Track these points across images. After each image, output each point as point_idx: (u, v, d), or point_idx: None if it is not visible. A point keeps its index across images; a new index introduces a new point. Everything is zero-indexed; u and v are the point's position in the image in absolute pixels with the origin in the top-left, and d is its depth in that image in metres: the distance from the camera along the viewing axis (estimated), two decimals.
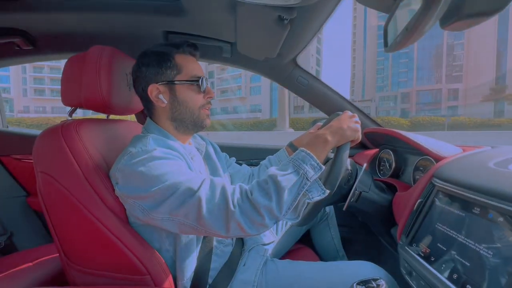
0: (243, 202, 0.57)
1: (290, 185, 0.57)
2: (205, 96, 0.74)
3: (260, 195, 0.57)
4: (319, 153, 0.63)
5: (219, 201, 0.57)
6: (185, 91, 0.70)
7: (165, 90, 0.70)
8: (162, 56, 0.69)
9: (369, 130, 1.14)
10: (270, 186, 0.57)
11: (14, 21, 1.00)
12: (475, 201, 0.51)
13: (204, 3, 0.82)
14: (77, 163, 0.63)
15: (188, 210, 0.57)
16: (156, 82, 0.69)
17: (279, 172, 0.59)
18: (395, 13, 0.51)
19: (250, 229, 0.57)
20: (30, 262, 0.94)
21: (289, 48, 1.02)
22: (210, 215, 0.56)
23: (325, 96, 1.25)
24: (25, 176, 1.42)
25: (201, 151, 0.84)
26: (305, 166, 0.60)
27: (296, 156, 0.62)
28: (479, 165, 0.62)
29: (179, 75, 0.70)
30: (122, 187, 0.61)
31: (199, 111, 0.73)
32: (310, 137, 0.67)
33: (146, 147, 0.62)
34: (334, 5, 0.71)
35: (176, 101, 0.70)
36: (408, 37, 0.45)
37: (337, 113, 0.77)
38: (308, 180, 0.59)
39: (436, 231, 0.57)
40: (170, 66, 0.69)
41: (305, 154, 0.62)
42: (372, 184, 0.85)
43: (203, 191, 0.57)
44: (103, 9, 0.93)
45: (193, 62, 0.73)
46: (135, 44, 1.08)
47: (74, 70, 0.75)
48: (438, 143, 0.83)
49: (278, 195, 0.56)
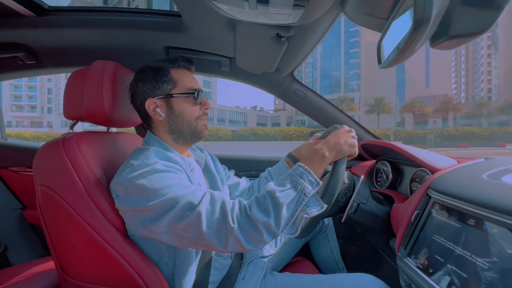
0: (242, 218, 0.57)
1: (288, 201, 0.58)
2: (202, 107, 0.75)
3: (258, 211, 0.57)
4: (316, 168, 0.64)
5: (219, 216, 0.57)
6: (181, 104, 0.72)
7: (162, 103, 0.72)
8: (158, 71, 0.72)
9: (365, 142, 1.16)
10: (268, 202, 0.58)
11: (19, 36, 1.02)
12: (470, 213, 0.52)
13: (204, 20, 0.85)
14: (77, 176, 0.63)
15: (188, 224, 0.57)
16: (153, 96, 0.71)
17: (277, 188, 0.60)
18: (387, 31, 0.54)
19: (249, 244, 0.58)
20: (25, 276, 0.93)
21: (286, 63, 1.05)
22: (209, 230, 0.57)
23: (322, 108, 1.27)
24: (22, 189, 1.41)
25: (201, 163, 0.85)
26: (302, 182, 0.61)
27: (293, 172, 0.63)
28: (473, 177, 0.63)
29: (175, 88, 0.72)
30: (123, 200, 0.61)
31: (196, 122, 0.74)
32: (308, 152, 0.69)
33: (147, 159, 0.63)
34: (329, 23, 0.74)
35: (173, 113, 0.72)
36: (400, 56, 0.47)
37: (335, 126, 0.78)
38: (306, 195, 0.61)
39: (434, 243, 0.58)
40: (166, 81, 0.71)
41: (303, 170, 0.63)
42: (369, 195, 0.86)
43: (203, 205, 0.58)
44: (107, 25, 0.96)
45: (188, 75, 0.75)
46: (136, 58, 1.10)
47: (77, 84, 0.76)
48: (433, 155, 0.85)
49: (276, 211, 0.57)
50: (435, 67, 55.58)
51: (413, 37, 0.40)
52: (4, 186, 1.40)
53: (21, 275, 0.94)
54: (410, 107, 43.90)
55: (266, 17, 0.61)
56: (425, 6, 0.37)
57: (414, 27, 0.39)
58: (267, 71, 1.10)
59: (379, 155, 1.17)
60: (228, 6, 0.59)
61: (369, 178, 1.14)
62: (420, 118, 47.91)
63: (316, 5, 0.54)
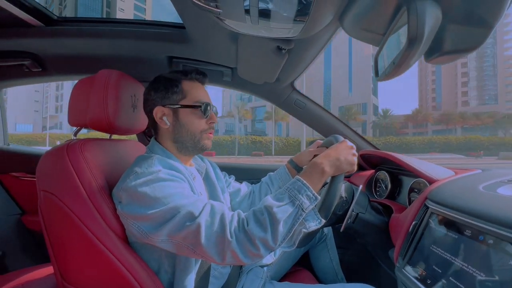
0: (239, 232, 0.58)
1: (286, 217, 0.58)
2: (208, 121, 0.76)
3: (255, 226, 0.58)
4: (315, 183, 0.64)
5: (218, 229, 0.58)
6: (187, 115, 0.74)
7: (169, 113, 0.73)
8: (170, 82, 0.74)
9: (364, 152, 1.17)
10: (266, 217, 0.58)
11: (26, 45, 1.05)
12: (466, 224, 0.53)
13: (208, 32, 0.88)
14: (80, 183, 0.64)
15: (187, 234, 0.58)
16: (162, 105, 0.73)
17: (275, 202, 0.60)
18: (384, 46, 0.56)
19: (245, 258, 0.58)
20: (21, 283, 0.92)
21: (287, 74, 1.08)
22: (208, 242, 0.57)
23: (322, 118, 1.29)
24: (22, 194, 1.42)
25: (201, 173, 0.86)
26: (301, 197, 0.61)
27: (292, 186, 0.63)
28: (469, 188, 0.64)
29: (184, 100, 0.74)
30: (125, 207, 0.62)
31: (200, 135, 0.75)
32: (308, 164, 0.69)
33: (151, 167, 0.64)
34: (328, 37, 0.77)
35: (178, 123, 0.74)
36: (396, 70, 0.49)
37: (336, 136, 0.79)
38: (304, 211, 0.61)
39: (432, 253, 0.58)
40: (176, 91, 0.73)
41: (301, 184, 0.63)
42: (368, 205, 0.87)
43: (203, 217, 0.59)
44: (113, 36, 0.99)
45: (199, 88, 0.77)
46: (141, 67, 1.13)
47: (82, 92, 0.78)
48: (431, 166, 0.86)
49: (273, 226, 0.57)
50: (358, 74, 56.53)
51: (408, 53, 0.42)
52: (4, 192, 1.41)
53: (18, 281, 0.93)
54: (342, 115, 43.27)
55: (267, 31, 0.63)
56: (418, 25, 0.39)
57: (408, 45, 0.41)
58: (268, 81, 1.12)
59: (378, 165, 1.18)
60: (231, 20, 0.61)
61: (368, 188, 1.14)
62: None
63: (315, 21, 0.57)
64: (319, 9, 0.52)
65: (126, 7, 55.02)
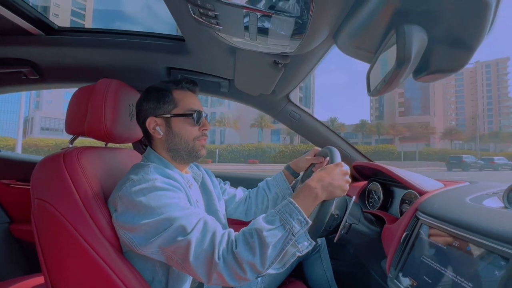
0: (227, 255, 0.58)
1: (275, 241, 0.58)
2: (201, 128, 0.78)
3: (244, 249, 0.57)
4: (307, 206, 0.64)
5: (207, 248, 0.58)
6: (180, 124, 0.75)
7: (162, 122, 0.75)
8: (161, 92, 0.75)
9: (357, 164, 1.20)
10: (255, 240, 0.58)
11: (25, 53, 1.06)
12: (454, 235, 0.55)
13: (206, 45, 0.91)
14: (76, 191, 0.64)
15: (177, 249, 0.58)
16: (155, 115, 0.74)
17: (265, 225, 0.59)
18: (375, 64, 0.59)
19: (231, 280, 0.58)
20: None
21: (282, 87, 1.11)
22: (196, 261, 0.57)
23: (316, 129, 1.32)
24: (11, 202, 1.39)
25: (198, 180, 0.87)
26: (291, 221, 0.60)
27: (284, 209, 0.62)
28: (457, 200, 0.66)
29: (175, 109, 0.75)
30: (119, 215, 0.62)
31: (193, 143, 0.76)
32: (301, 186, 0.68)
33: (147, 175, 0.64)
34: (323, 53, 0.80)
35: (171, 133, 0.75)
36: (386, 87, 0.52)
37: (330, 148, 0.82)
38: (294, 235, 0.60)
39: (422, 264, 0.60)
40: (168, 101, 0.75)
41: (293, 208, 0.62)
42: (361, 216, 0.88)
43: (195, 233, 0.59)
44: (113, 46, 1.00)
45: (190, 97, 0.78)
46: (139, 77, 1.15)
47: (81, 100, 0.79)
48: (421, 178, 0.89)
49: (262, 250, 0.57)
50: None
51: (397, 72, 0.45)
52: None
53: None
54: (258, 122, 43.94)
55: (265, 46, 0.66)
56: (405, 47, 0.42)
57: (397, 65, 0.44)
58: (264, 93, 1.15)
59: (371, 176, 1.20)
60: (230, 36, 0.64)
61: (361, 199, 1.16)
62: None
63: (311, 38, 0.60)
64: (315, 27, 0.55)
65: (61, 12, 51.56)
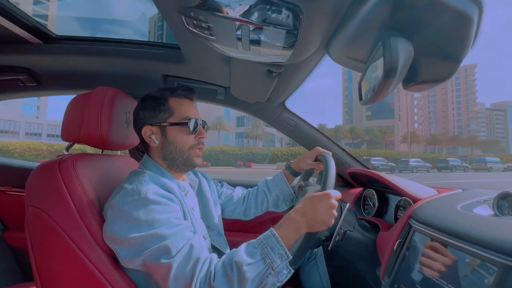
0: (204, 286, 0.57)
1: (254, 275, 0.57)
2: (197, 136, 0.78)
3: (222, 282, 0.57)
4: (289, 239, 0.62)
5: (187, 274, 0.57)
6: (175, 132, 0.75)
7: (157, 131, 0.75)
8: (157, 100, 0.75)
9: (352, 171, 1.21)
10: (234, 274, 0.57)
11: (24, 61, 1.07)
12: (446, 243, 0.55)
13: (202, 54, 0.92)
14: (71, 199, 0.64)
15: (159, 268, 0.59)
16: (150, 124, 0.74)
17: (246, 259, 0.58)
18: (366, 73, 0.60)
19: None
20: None
21: (278, 94, 1.12)
22: (175, 284, 0.57)
23: (312, 136, 1.33)
24: (5, 209, 1.38)
25: (194, 187, 0.87)
26: (272, 255, 0.59)
27: (266, 241, 0.61)
28: (448, 207, 0.67)
29: (171, 117, 0.75)
30: (107, 225, 0.63)
31: (189, 152, 0.76)
32: (284, 218, 0.66)
33: (141, 185, 0.64)
34: (316, 62, 0.82)
35: (166, 141, 0.75)
36: (376, 97, 0.53)
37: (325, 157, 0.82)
38: (273, 269, 0.58)
39: (415, 271, 0.60)
40: (163, 109, 0.75)
41: (275, 241, 0.60)
42: (356, 223, 0.89)
43: (178, 258, 0.58)
44: (110, 54, 1.02)
45: (186, 104, 0.78)
46: (136, 85, 1.16)
47: (78, 108, 0.80)
48: (414, 185, 0.89)
49: (241, 285, 0.56)
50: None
51: (385, 83, 0.46)
52: None
53: None
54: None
55: (258, 56, 0.67)
56: (392, 59, 0.43)
57: (384, 75, 0.45)
58: (260, 100, 1.16)
59: (366, 183, 1.21)
60: (223, 46, 0.65)
61: (357, 206, 1.16)
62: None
63: (302, 49, 0.61)
64: (306, 38, 0.56)
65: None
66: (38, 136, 45.09)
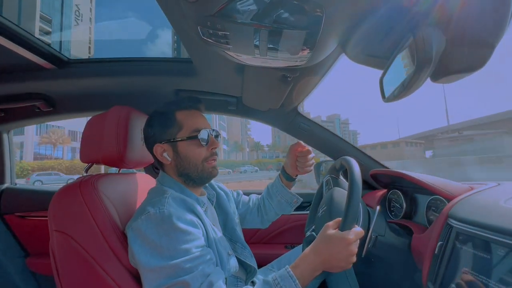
0: None
1: None
2: (209, 148, 0.75)
3: None
4: (305, 280, 0.60)
5: None
6: (186, 147, 0.72)
7: (168, 148, 0.73)
8: (163, 116, 0.73)
9: (374, 172, 1.16)
10: None
11: (39, 86, 1.09)
12: (495, 242, 0.51)
13: (214, 65, 0.92)
14: (94, 221, 0.63)
15: None
16: (160, 141, 0.72)
17: None
18: (389, 69, 0.58)
19: None
20: None
21: (291, 99, 1.11)
22: None
23: (329, 140, 1.30)
24: (27, 235, 1.38)
25: (212, 201, 0.85)
26: None
27: (283, 282, 0.58)
28: (491, 203, 0.62)
29: (180, 132, 0.72)
30: (129, 249, 0.60)
31: (203, 165, 0.73)
32: (300, 257, 0.63)
33: (164, 207, 0.61)
34: (331, 63, 0.80)
35: (179, 157, 0.72)
36: (405, 92, 0.50)
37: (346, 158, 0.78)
38: None
39: (464, 276, 0.55)
40: (172, 125, 0.72)
41: (292, 284, 0.58)
42: (387, 227, 0.84)
43: None
44: (123, 73, 1.03)
45: (194, 116, 0.75)
46: (149, 101, 1.17)
47: (95, 129, 0.80)
48: (444, 182, 0.84)
49: None
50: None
51: (418, 75, 0.44)
52: (8, 233, 1.37)
53: None
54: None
55: (274, 61, 0.66)
56: (425, 50, 0.41)
57: (417, 68, 0.43)
58: (273, 107, 1.15)
59: (389, 184, 1.16)
60: (239, 54, 0.64)
61: (382, 208, 1.12)
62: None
63: (321, 49, 0.60)
64: (325, 38, 0.55)
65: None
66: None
